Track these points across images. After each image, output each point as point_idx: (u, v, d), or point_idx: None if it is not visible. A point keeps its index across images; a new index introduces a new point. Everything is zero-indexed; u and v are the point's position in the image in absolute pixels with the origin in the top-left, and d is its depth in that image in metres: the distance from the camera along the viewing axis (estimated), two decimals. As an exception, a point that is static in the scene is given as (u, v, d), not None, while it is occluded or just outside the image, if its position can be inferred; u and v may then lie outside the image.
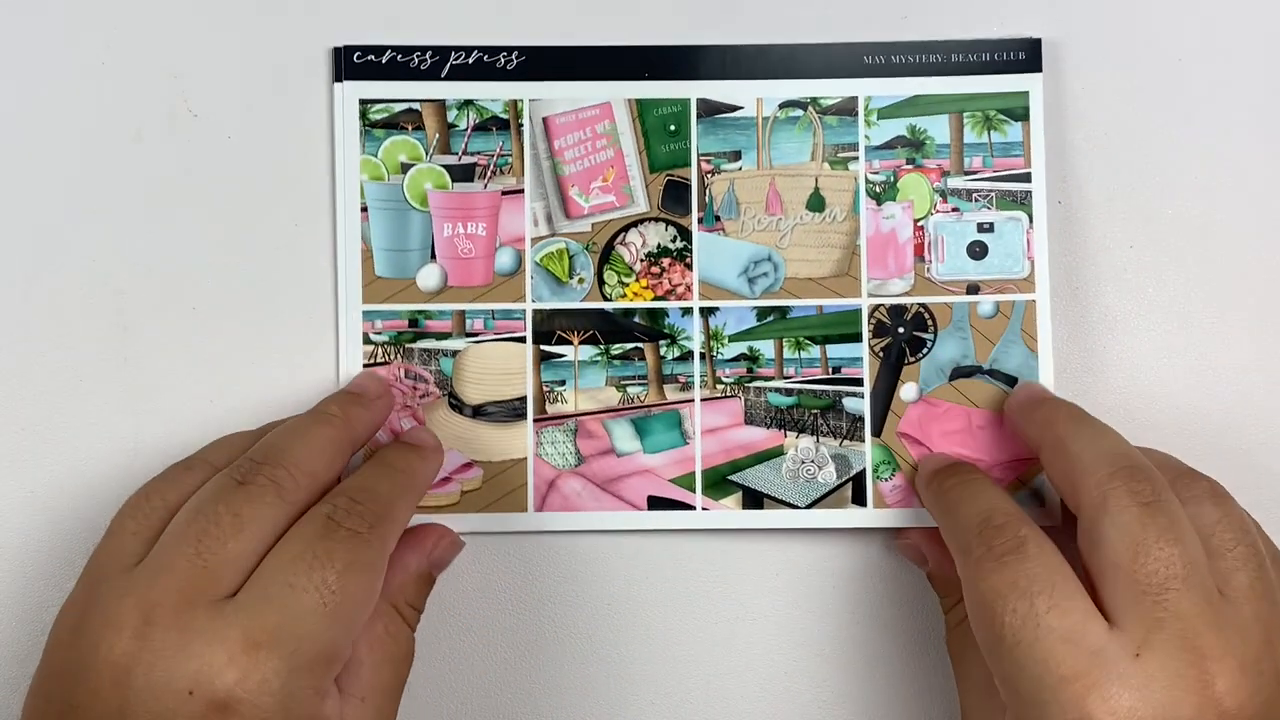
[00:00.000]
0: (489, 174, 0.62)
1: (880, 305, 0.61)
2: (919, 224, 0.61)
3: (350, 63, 0.61)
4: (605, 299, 0.61)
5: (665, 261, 0.62)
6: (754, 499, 0.61)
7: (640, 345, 0.62)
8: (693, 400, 0.61)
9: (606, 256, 0.62)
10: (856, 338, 0.61)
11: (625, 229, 0.62)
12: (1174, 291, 0.62)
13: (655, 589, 0.61)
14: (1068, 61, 0.62)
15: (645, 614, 0.61)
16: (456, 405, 0.62)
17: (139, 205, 0.61)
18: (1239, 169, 0.62)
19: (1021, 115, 0.61)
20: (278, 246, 0.61)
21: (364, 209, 0.61)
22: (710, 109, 0.62)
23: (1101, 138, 0.62)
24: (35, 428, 0.61)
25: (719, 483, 0.61)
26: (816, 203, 0.62)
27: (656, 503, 0.61)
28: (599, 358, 0.61)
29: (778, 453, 0.61)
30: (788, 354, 0.61)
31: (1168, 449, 0.60)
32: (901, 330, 0.61)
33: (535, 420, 0.61)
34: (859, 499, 0.61)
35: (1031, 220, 0.61)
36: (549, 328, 0.61)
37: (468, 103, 0.62)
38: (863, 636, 0.61)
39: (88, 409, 0.61)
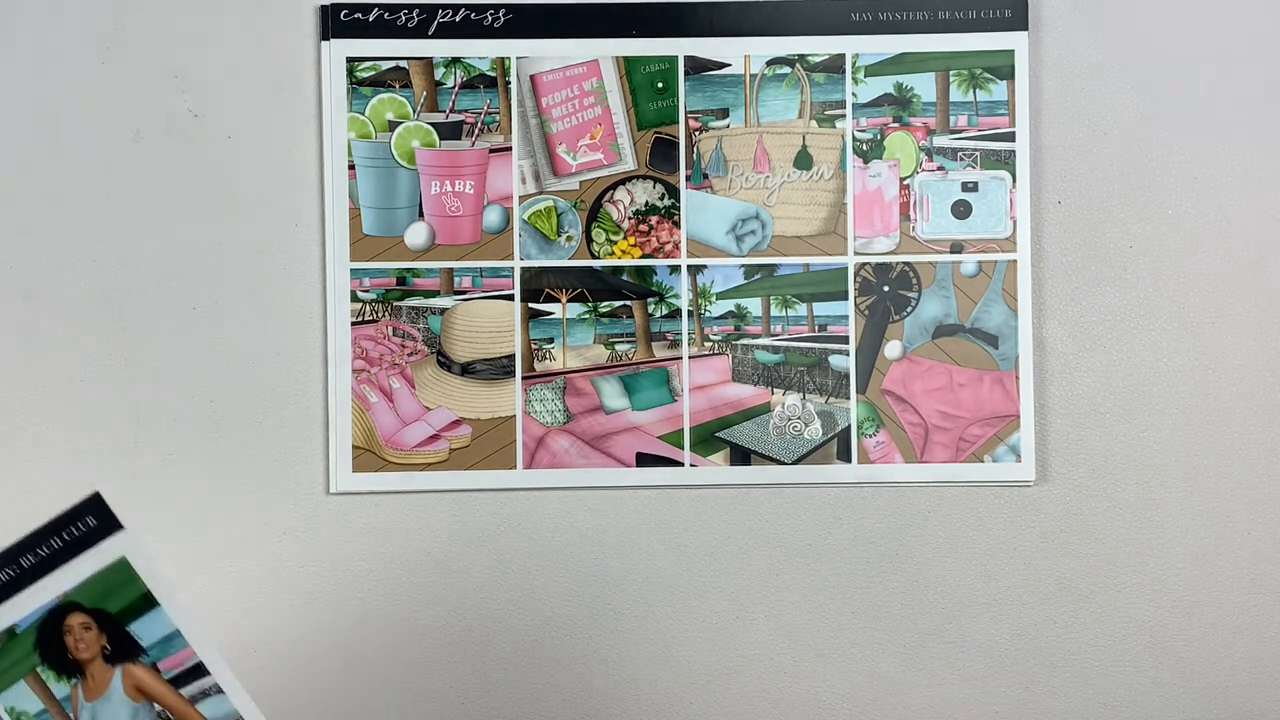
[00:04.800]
0: (476, 132, 0.61)
1: (866, 264, 0.62)
2: (905, 182, 0.62)
3: (337, 20, 0.61)
4: (593, 256, 0.62)
5: (653, 219, 0.62)
6: (741, 455, 0.62)
7: (628, 303, 0.62)
8: (681, 358, 0.62)
9: (594, 214, 0.62)
10: (843, 295, 0.62)
11: (613, 187, 0.62)
12: (1174, 291, 0.62)
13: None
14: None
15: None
16: (445, 363, 0.62)
17: (139, 205, 0.61)
18: (1239, 169, 0.62)
19: (1007, 74, 0.61)
20: (279, 246, 0.61)
21: (351, 167, 0.61)
22: (698, 66, 0.62)
23: (1101, 137, 0.62)
24: (35, 427, 0.61)
25: (707, 439, 0.62)
26: (804, 160, 0.62)
27: (645, 459, 0.61)
28: (587, 315, 0.62)
29: (765, 409, 0.62)
30: (775, 311, 0.62)
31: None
32: (887, 288, 0.62)
33: (524, 378, 0.62)
34: (844, 455, 0.62)
35: (1015, 180, 0.61)
36: (537, 285, 0.62)
37: (455, 60, 0.61)
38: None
39: (88, 409, 0.61)
